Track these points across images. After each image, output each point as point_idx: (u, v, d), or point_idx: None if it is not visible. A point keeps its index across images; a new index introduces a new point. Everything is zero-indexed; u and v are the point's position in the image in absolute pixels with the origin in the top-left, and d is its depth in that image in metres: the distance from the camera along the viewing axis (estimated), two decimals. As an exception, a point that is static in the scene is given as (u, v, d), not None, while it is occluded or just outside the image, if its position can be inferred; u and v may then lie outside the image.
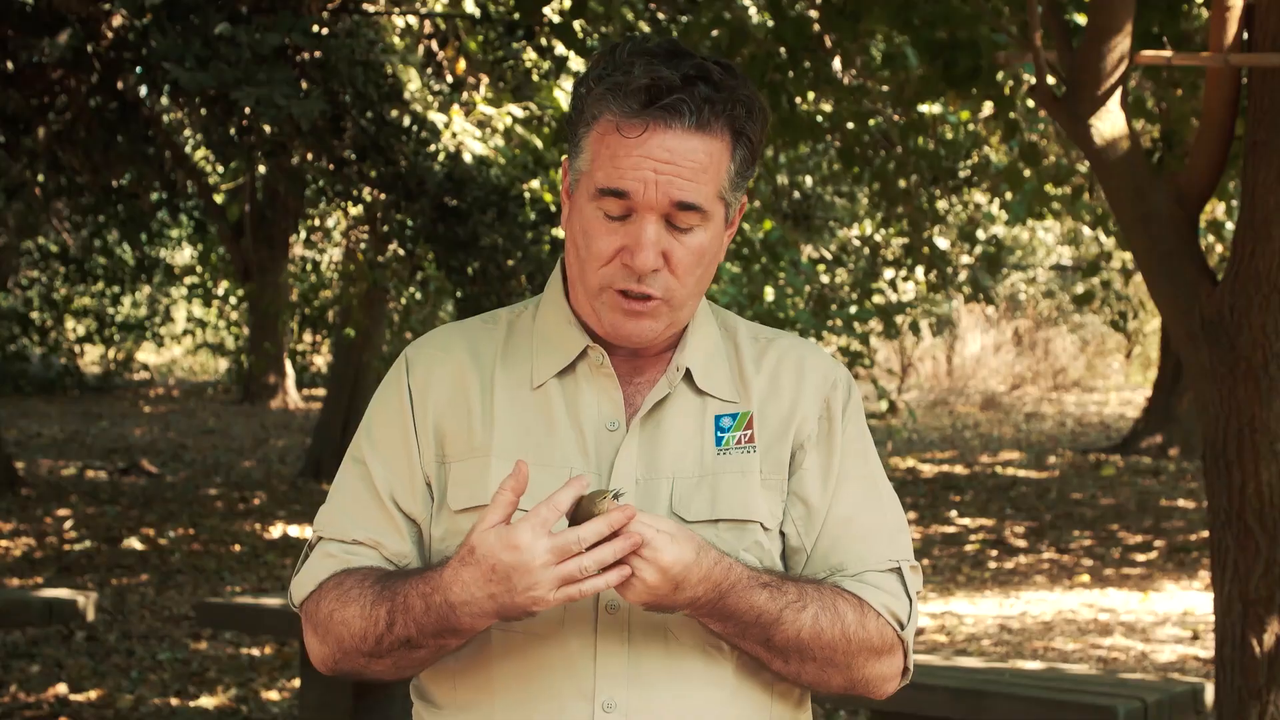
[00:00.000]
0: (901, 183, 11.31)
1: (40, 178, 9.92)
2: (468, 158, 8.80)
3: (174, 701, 6.61)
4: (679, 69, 1.95)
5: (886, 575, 2.06)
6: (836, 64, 8.28)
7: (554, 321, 2.09)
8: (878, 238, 15.64)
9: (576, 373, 2.06)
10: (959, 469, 15.03)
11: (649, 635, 1.99)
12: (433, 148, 8.31)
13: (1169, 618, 8.33)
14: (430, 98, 10.13)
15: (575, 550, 1.84)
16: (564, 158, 2.02)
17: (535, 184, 9.35)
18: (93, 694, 6.70)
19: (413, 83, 9.35)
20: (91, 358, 24.84)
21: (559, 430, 2.03)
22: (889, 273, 15.74)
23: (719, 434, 2.05)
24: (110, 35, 7.98)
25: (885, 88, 9.29)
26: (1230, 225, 12.72)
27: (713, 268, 2.05)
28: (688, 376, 2.07)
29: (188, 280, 23.82)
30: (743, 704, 2.03)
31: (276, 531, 11.06)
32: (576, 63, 9.66)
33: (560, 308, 2.09)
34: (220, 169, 17.64)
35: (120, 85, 8.30)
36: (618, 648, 1.98)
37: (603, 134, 1.97)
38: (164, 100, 8.78)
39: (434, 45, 10.36)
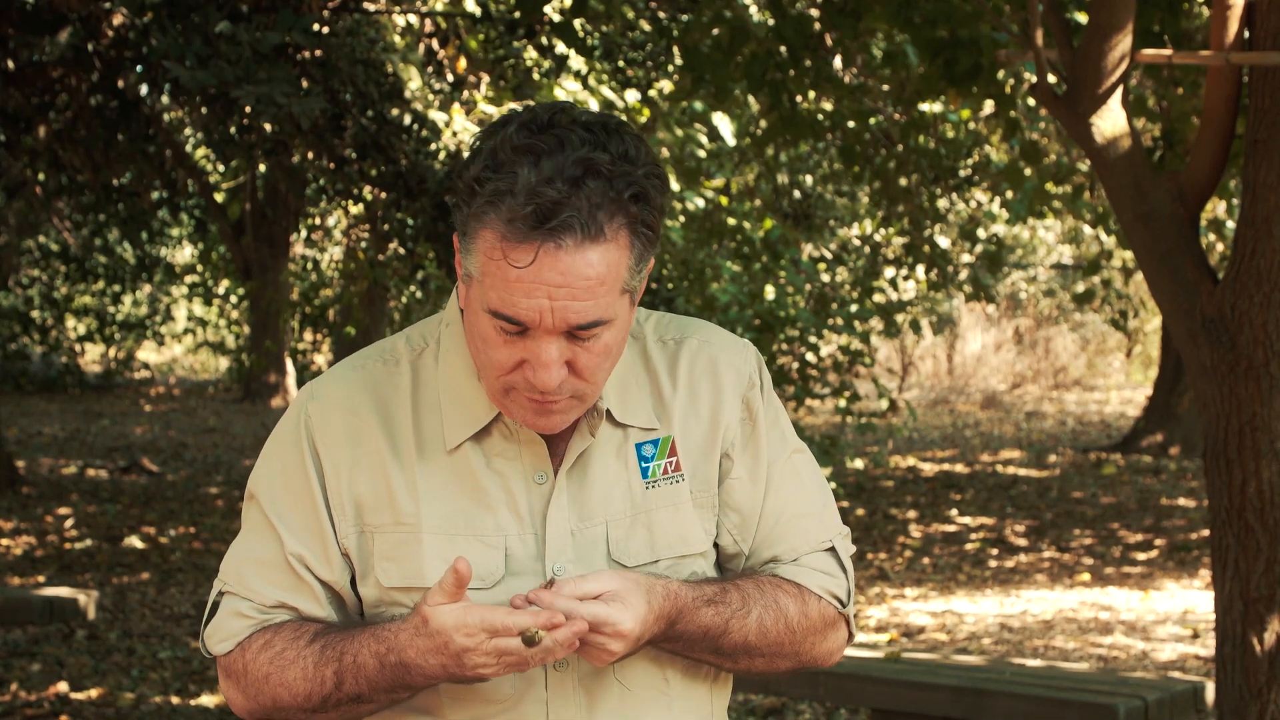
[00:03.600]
0: (902, 181, 11.32)
1: (41, 176, 9.91)
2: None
3: (175, 700, 6.61)
4: (564, 171, 1.81)
5: (821, 556, 2.08)
6: (837, 62, 8.29)
7: (460, 376, 2.00)
8: (878, 236, 15.66)
9: (493, 431, 2.00)
10: (959, 467, 15.02)
11: (599, 684, 2.00)
12: (433, 146, 8.29)
13: (1169, 616, 8.33)
14: (431, 96, 10.13)
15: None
16: (455, 234, 1.92)
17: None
18: (93, 692, 6.70)
19: (413, 81, 9.35)
20: (92, 356, 24.85)
21: (488, 496, 1.98)
22: (889, 271, 15.75)
23: (643, 464, 2.02)
24: (111, 34, 7.97)
25: (886, 86, 9.30)
26: (1231, 224, 12.72)
27: (625, 342, 1.97)
28: (607, 414, 2.02)
29: (188, 279, 23.84)
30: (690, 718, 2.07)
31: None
32: (577, 61, 9.66)
33: (465, 360, 2.00)
34: (221, 167, 17.64)
35: (121, 84, 8.29)
36: (570, 709, 1.99)
37: (490, 249, 1.84)
38: (164, 99, 8.76)
39: (435, 44, 10.35)
